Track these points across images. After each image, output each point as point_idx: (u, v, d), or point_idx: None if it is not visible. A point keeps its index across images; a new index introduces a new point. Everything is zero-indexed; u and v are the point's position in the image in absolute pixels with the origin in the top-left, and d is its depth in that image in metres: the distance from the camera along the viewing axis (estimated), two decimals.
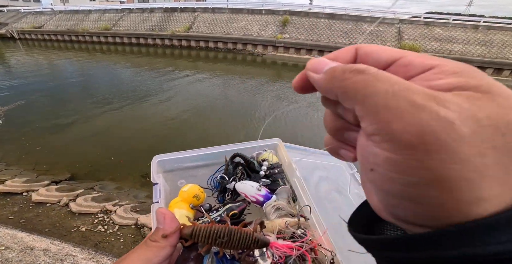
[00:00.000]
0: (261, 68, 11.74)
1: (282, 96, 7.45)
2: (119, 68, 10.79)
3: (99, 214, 2.62)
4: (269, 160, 0.68)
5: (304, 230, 0.53)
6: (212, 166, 0.74)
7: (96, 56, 13.59)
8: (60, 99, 6.75)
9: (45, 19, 21.08)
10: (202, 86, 8.27)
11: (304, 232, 0.52)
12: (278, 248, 0.45)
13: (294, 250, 0.45)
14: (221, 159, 0.72)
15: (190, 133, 4.92)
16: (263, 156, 0.71)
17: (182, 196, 0.59)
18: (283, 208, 0.58)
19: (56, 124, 5.08)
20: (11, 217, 2.51)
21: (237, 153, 0.69)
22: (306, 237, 0.50)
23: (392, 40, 13.82)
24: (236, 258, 0.36)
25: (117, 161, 3.90)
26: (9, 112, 4.46)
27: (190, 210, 0.57)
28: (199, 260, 0.36)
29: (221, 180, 0.67)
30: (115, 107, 6.11)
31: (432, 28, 13.75)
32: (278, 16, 16.55)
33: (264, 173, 0.65)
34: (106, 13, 20.15)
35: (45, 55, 13.48)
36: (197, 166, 0.75)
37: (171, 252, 0.29)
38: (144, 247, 0.29)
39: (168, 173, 0.73)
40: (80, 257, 1.95)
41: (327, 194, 0.76)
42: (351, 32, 14.81)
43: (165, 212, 0.31)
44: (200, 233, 0.31)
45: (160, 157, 0.70)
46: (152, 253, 0.28)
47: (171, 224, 0.30)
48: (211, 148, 0.73)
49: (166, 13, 18.78)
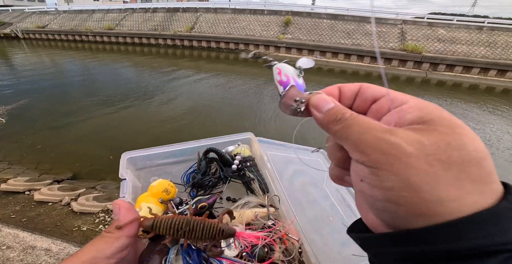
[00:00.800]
0: (263, 68, 11.72)
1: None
2: (122, 67, 10.86)
3: (100, 214, 2.63)
4: (242, 154, 0.68)
5: (274, 221, 0.53)
6: (187, 162, 0.72)
7: (99, 55, 13.69)
8: (63, 98, 6.82)
9: (49, 18, 21.26)
10: (204, 87, 8.30)
11: (274, 223, 0.52)
12: (245, 238, 0.44)
13: (261, 240, 0.45)
14: (196, 155, 0.71)
15: (192, 132, 4.94)
16: (236, 150, 0.71)
17: (151, 190, 0.58)
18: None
19: (58, 124, 5.13)
20: (13, 216, 2.53)
21: (210, 148, 0.68)
22: (274, 227, 0.50)
23: (395, 41, 13.73)
24: (201, 249, 0.36)
25: (115, 159, 3.92)
26: (12, 111, 4.50)
27: (159, 204, 0.56)
28: (164, 252, 0.35)
29: (194, 174, 0.67)
30: (117, 107, 6.16)
31: (435, 29, 13.63)
32: (280, 17, 16.53)
33: (236, 166, 0.65)
34: (110, 13, 20.27)
35: (49, 55, 13.61)
36: (171, 163, 0.73)
37: (127, 243, 0.29)
38: (99, 239, 0.29)
39: (142, 170, 0.71)
40: None
41: (302, 187, 0.76)
42: (354, 32, 14.74)
43: (120, 203, 0.31)
44: (161, 224, 0.31)
45: (130, 153, 0.68)
46: (105, 244, 0.28)
47: (126, 215, 0.30)
48: (183, 143, 0.72)
49: (168, 13, 18.85)
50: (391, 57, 12.66)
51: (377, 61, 12.75)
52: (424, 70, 12.14)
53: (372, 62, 13.10)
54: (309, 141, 3.68)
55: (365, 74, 11.44)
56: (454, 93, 9.02)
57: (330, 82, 8.47)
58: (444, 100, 8.10)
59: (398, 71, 12.11)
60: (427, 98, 8.21)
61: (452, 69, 11.88)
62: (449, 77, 11.39)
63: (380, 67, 11.64)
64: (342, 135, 0.21)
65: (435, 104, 0.20)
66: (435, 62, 12.02)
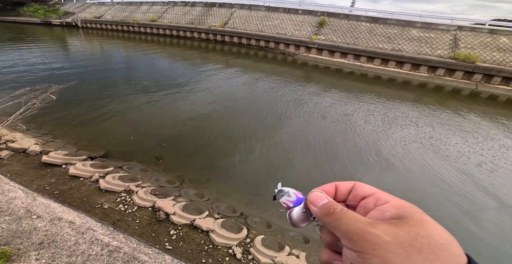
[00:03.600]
0: (292, 68, 11.49)
1: (314, 101, 7.18)
2: (159, 58, 11.59)
3: (122, 193, 2.71)
4: None
5: None
6: None
7: (141, 45, 14.80)
8: (106, 83, 7.45)
9: (105, 9, 23.71)
10: (232, 82, 8.41)
11: None
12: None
13: None
14: None
15: (216, 125, 5.00)
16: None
17: None
18: None
19: (99, 105, 5.57)
20: (47, 188, 2.66)
21: None
22: None
23: (444, 48, 12.32)
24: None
25: (144, 143, 4.13)
26: (63, 90, 5.02)
27: None
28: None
29: None
30: (151, 94, 6.53)
31: (497, 36, 11.88)
32: (315, 17, 16.01)
33: None
34: (154, 5, 21.83)
35: (100, 43, 15.12)
36: None
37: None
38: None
39: None
40: (99, 232, 2.04)
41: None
42: (396, 37, 13.60)
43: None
44: None
45: None
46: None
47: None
48: None
49: (205, 8, 19.59)
50: (437, 66, 11.38)
51: (419, 68, 11.55)
52: (475, 81, 10.66)
53: (413, 70, 11.92)
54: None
55: (403, 82, 10.44)
56: (508, 111, 7.72)
57: (362, 87, 7.87)
58: (493, 120, 6.98)
59: (443, 81, 10.82)
60: (472, 114, 7.17)
61: (508, 82, 10.24)
62: (503, 92, 9.82)
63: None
64: (334, 225, 0.26)
65: (412, 204, 0.26)
66: (489, 74, 10.48)
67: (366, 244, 0.23)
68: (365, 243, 0.23)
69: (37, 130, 4.32)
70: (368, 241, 0.23)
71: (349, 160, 4.12)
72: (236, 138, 4.57)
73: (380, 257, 0.22)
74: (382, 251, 0.22)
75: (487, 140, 5.35)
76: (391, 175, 3.83)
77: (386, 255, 0.22)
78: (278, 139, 4.63)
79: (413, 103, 7.50)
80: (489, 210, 3.27)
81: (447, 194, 3.48)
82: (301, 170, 3.77)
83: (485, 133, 5.70)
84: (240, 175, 3.54)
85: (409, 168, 4.02)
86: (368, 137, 4.96)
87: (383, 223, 0.24)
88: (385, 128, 5.41)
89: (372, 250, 0.22)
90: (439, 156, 4.45)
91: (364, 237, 0.23)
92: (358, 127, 5.37)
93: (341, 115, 5.96)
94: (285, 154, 4.16)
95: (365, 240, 0.23)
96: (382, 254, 0.22)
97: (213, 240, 2.24)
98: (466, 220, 3.08)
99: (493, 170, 4.16)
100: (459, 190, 3.57)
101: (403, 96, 8.25)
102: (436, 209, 3.23)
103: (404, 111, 6.70)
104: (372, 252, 0.22)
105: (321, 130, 5.12)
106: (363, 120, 5.79)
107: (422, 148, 4.70)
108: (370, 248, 0.22)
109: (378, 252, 0.22)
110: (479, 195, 3.50)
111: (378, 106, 6.90)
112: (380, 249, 0.22)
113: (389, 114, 6.31)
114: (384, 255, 0.22)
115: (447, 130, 5.69)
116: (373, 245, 0.22)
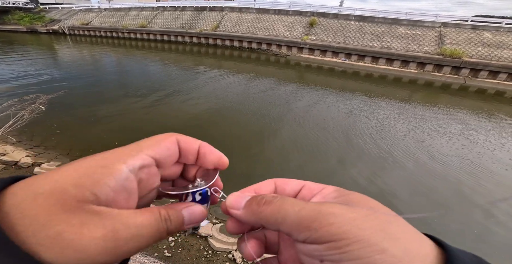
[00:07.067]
0: (284, 69, 11.59)
1: (308, 99, 7.26)
2: (151, 64, 11.50)
3: None
4: None
5: None
6: None
7: (132, 52, 14.67)
8: (97, 90, 7.35)
9: (93, 16, 23.40)
10: (225, 85, 8.42)
11: None
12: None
13: None
14: None
15: (212, 130, 5.00)
16: None
17: None
18: None
19: (90, 114, 5.49)
20: None
21: None
22: None
23: (431, 45, 12.65)
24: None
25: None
26: (52, 100, 4.92)
27: None
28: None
29: None
30: (144, 101, 6.49)
31: (480, 32, 12.28)
32: (305, 18, 16.21)
33: None
34: (143, 11, 21.68)
35: (90, 50, 14.90)
36: None
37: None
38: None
39: None
40: None
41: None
42: (384, 35, 13.89)
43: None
44: None
45: None
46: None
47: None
48: None
49: (196, 12, 19.58)
50: (425, 62, 11.67)
51: (408, 65, 11.83)
52: (463, 76, 10.97)
53: (403, 67, 12.20)
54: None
55: (394, 79, 10.66)
56: (497, 103, 7.99)
57: (355, 86, 7.98)
58: (482, 114, 7.21)
59: (432, 76, 11.10)
60: (465, 107, 7.38)
61: (495, 76, 10.57)
62: (491, 85, 10.13)
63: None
64: (276, 217, 0.20)
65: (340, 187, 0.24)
66: (476, 68, 10.80)
67: (332, 229, 0.18)
68: (330, 227, 0.18)
69: (28, 142, 4.22)
70: (333, 224, 0.18)
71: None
72: (232, 141, 4.57)
73: (359, 240, 0.17)
74: (356, 231, 0.17)
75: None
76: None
77: (364, 235, 0.17)
78: (279, 141, 4.66)
79: (405, 101, 7.67)
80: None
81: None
82: (304, 173, 3.79)
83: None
84: (237, 178, 3.55)
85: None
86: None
87: (333, 202, 0.21)
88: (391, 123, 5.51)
89: (344, 234, 0.17)
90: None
91: (326, 220, 0.18)
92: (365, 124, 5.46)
93: (340, 113, 6.04)
94: (285, 155, 4.19)
95: (329, 223, 0.18)
96: (359, 235, 0.17)
97: (212, 245, 2.24)
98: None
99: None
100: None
101: (396, 93, 8.43)
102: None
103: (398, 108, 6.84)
104: (345, 236, 0.17)
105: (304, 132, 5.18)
106: (365, 117, 5.89)
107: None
108: (340, 232, 0.17)
109: (352, 234, 0.17)
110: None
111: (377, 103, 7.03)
112: (353, 229, 0.17)
113: (392, 113, 6.43)
114: (362, 235, 0.17)
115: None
116: (342, 227, 0.18)
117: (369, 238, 0.17)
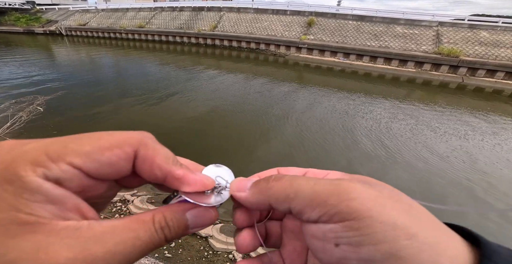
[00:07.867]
0: (282, 69, 11.59)
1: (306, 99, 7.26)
2: (149, 65, 11.46)
3: (118, 203, 2.64)
4: None
5: None
6: None
7: (130, 52, 14.60)
8: (94, 91, 7.30)
9: (90, 16, 23.28)
10: (224, 85, 8.41)
11: None
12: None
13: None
14: None
15: (209, 129, 4.98)
16: None
17: None
18: None
19: (89, 115, 5.47)
20: None
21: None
22: None
23: (428, 44, 12.70)
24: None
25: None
26: (50, 101, 4.88)
27: None
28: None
29: None
30: (142, 101, 6.46)
31: (477, 31, 12.35)
32: (303, 17, 16.23)
33: None
34: (141, 11, 21.61)
35: (87, 51, 14.81)
36: None
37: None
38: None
39: None
40: None
41: None
42: (382, 34, 13.94)
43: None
44: None
45: None
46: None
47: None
48: None
49: (194, 12, 19.55)
50: (423, 61, 11.72)
51: (406, 64, 11.87)
52: (460, 75, 11.02)
53: (401, 66, 12.24)
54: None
55: (392, 78, 10.70)
56: (495, 102, 8.03)
57: (353, 85, 8.03)
58: (481, 114, 7.25)
59: (430, 75, 11.14)
60: (464, 107, 7.42)
61: (493, 75, 10.64)
62: (489, 84, 10.19)
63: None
64: (289, 192, 0.17)
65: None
66: (474, 67, 10.86)
67: (354, 204, 0.15)
68: (351, 201, 0.15)
69: None
70: (355, 199, 0.15)
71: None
72: (232, 142, 4.56)
73: (384, 220, 0.14)
74: (381, 209, 0.15)
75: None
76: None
77: (390, 214, 0.14)
78: (279, 140, 4.66)
79: (402, 99, 7.69)
80: None
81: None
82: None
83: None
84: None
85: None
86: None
87: (350, 179, 0.19)
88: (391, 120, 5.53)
89: (367, 211, 0.15)
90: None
91: (347, 194, 0.15)
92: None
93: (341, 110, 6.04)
94: (284, 155, 4.19)
95: (349, 198, 0.15)
96: (384, 214, 0.14)
97: (213, 245, 2.23)
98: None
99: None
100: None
101: (394, 92, 8.45)
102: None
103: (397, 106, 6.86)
104: (368, 214, 0.14)
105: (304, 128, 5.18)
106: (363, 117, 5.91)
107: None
108: (363, 209, 0.15)
109: (376, 212, 0.14)
110: None
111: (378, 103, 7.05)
112: (377, 207, 0.15)
113: (390, 111, 6.45)
114: (387, 214, 0.14)
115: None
116: (364, 203, 0.15)
117: (395, 220, 0.14)
